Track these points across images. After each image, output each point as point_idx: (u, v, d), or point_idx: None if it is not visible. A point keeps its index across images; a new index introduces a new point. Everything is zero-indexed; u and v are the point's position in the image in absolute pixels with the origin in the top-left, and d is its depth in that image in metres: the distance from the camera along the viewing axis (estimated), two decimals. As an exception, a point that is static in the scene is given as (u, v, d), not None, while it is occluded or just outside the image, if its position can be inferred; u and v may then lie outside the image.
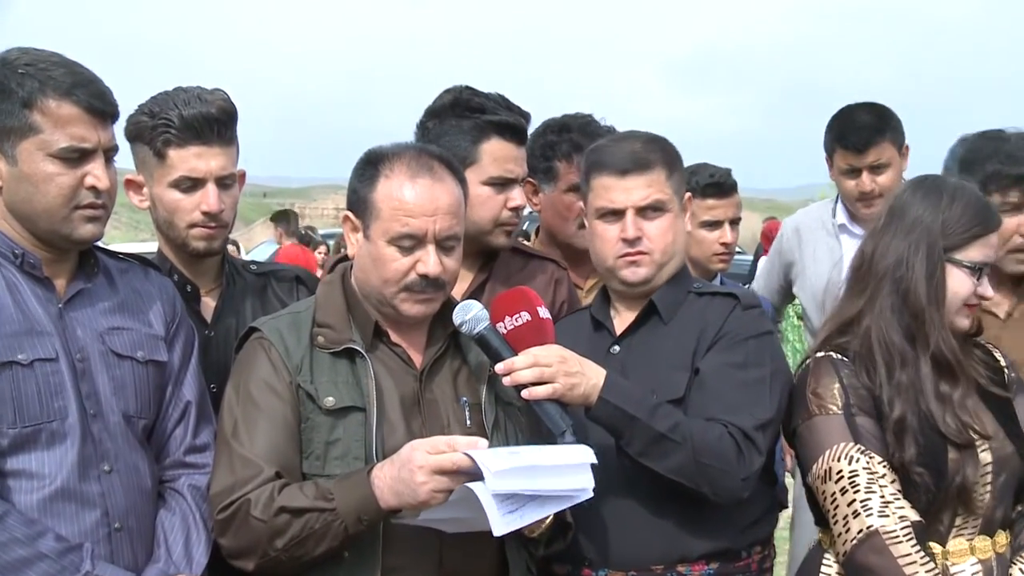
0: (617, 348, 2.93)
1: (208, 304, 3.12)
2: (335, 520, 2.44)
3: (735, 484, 2.69)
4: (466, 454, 2.32)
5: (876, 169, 4.27)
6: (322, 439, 2.57)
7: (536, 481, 2.33)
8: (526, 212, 3.55)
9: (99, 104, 2.53)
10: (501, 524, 2.29)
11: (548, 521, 2.59)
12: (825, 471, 2.67)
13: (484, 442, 2.38)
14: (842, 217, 4.48)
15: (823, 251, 4.46)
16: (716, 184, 4.20)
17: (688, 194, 3.04)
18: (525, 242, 3.82)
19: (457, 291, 2.96)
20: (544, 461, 2.37)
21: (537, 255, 3.48)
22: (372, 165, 2.67)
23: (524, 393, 2.60)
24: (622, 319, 2.98)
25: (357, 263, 2.69)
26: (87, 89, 2.52)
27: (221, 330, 3.07)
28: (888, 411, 2.66)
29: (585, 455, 2.44)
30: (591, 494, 2.43)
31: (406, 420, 2.60)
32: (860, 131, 4.27)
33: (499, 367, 2.61)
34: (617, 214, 2.91)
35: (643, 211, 2.90)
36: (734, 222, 4.29)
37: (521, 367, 2.59)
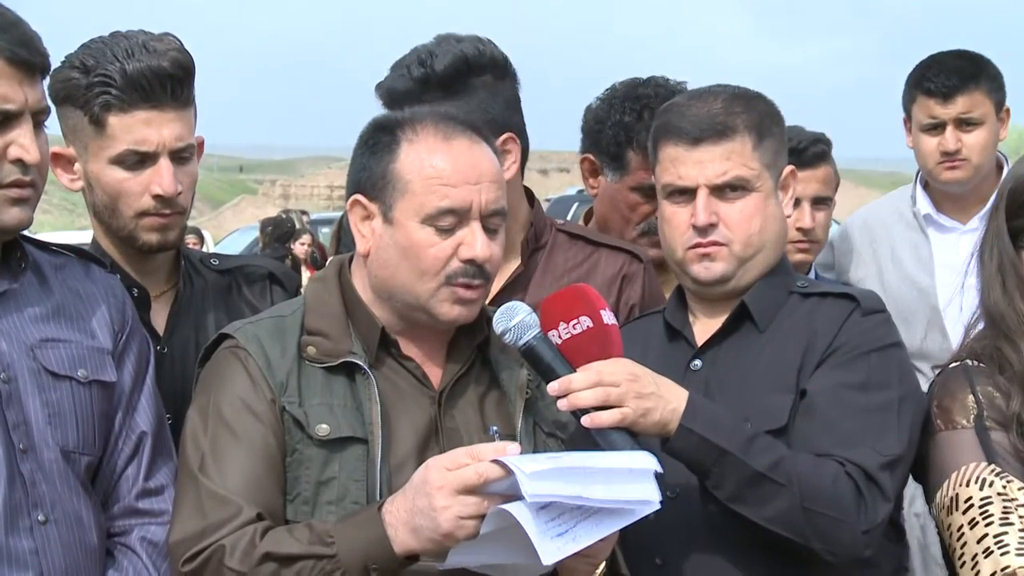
0: (699, 363, 2.92)
1: (159, 312, 3.11)
2: (336, 570, 2.42)
3: (854, 539, 2.66)
4: (495, 461, 2.32)
5: (964, 124, 4.33)
6: (312, 478, 2.57)
7: (585, 487, 2.33)
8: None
9: (25, 54, 2.52)
10: (550, 549, 2.29)
11: (601, 570, 2.58)
12: (951, 499, 2.69)
13: (515, 446, 2.37)
14: (925, 205, 4.52)
15: (905, 249, 4.51)
16: (794, 151, 4.13)
17: (790, 168, 3.00)
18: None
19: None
20: (594, 464, 2.39)
21: (607, 244, 3.50)
22: (387, 132, 2.66)
23: (585, 420, 2.57)
24: (704, 326, 2.97)
25: (376, 258, 2.67)
26: (9, 35, 2.50)
27: (176, 345, 3.07)
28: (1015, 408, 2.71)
29: (646, 461, 2.45)
30: (658, 506, 2.43)
31: (420, 454, 2.58)
32: (948, 73, 4.34)
33: (553, 387, 2.59)
34: (688, 193, 2.91)
35: (720, 190, 2.89)
36: (820, 201, 4.31)
37: (581, 387, 2.57)
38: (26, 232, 2.69)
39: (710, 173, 2.88)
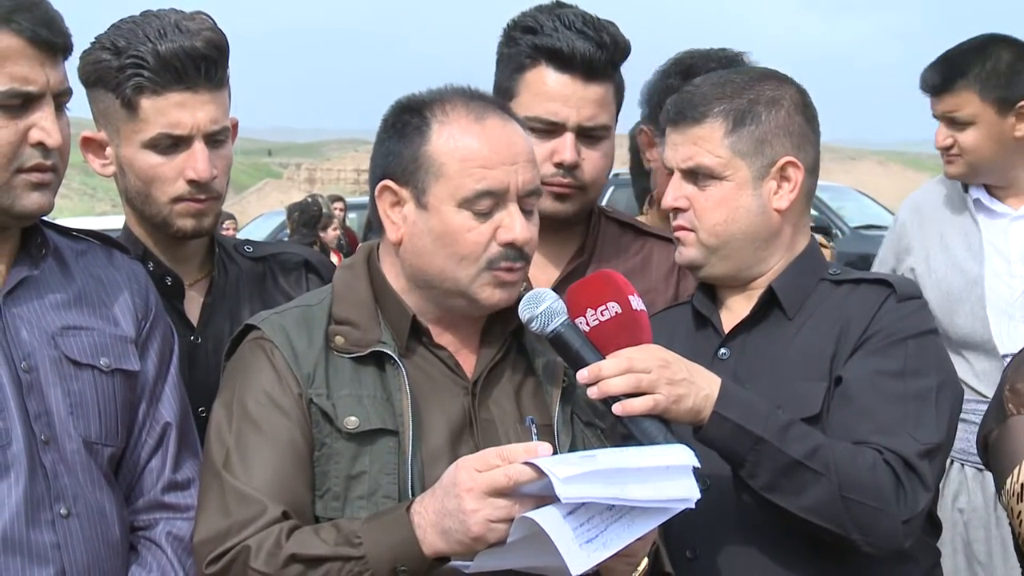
0: (726, 352, 2.95)
1: (193, 301, 3.12)
2: (364, 572, 2.43)
3: (894, 529, 2.67)
4: (527, 464, 2.32)
5: (954, 123, 4.32)
6: (342, 472, 2.57)
7: (621, 488, 2.32)
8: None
9: (46, 33, 2.52)
10: (580, 558, 2.28)
11: (643, 568, 2.57)
12: (1021, 486, 2.70)
13: (547, 447, 2.36)
14: (977, 190, 4.48)
15: (955, 236, 4.47)
16: None
17: (787, 158, 2.91)
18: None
19: (545, 282, 2.96)
20: (630, 463, 2.37)
21: (655, 234, 3.48)
22: (415, 113, 2.66)
23: (616, 407, 2.60)
24: (732, 314, 2.99)
25: (409, 246, 2.66)
26: (30, 14, 2.51)
27: (211, 335, 3.08)
28: None
29: (684, 456, 2.43)
30: (693, 504, 2.42)
31: (453, 447, 2.59)
32: (935, 71, 4.33)
33: (582, 374, 2.61)
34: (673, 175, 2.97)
35: (692, 175, 2.93)
36: None
37: (612, 374, 2.59)
38: (45, 217, 2.69)
39: (678, 157, 2.93)
